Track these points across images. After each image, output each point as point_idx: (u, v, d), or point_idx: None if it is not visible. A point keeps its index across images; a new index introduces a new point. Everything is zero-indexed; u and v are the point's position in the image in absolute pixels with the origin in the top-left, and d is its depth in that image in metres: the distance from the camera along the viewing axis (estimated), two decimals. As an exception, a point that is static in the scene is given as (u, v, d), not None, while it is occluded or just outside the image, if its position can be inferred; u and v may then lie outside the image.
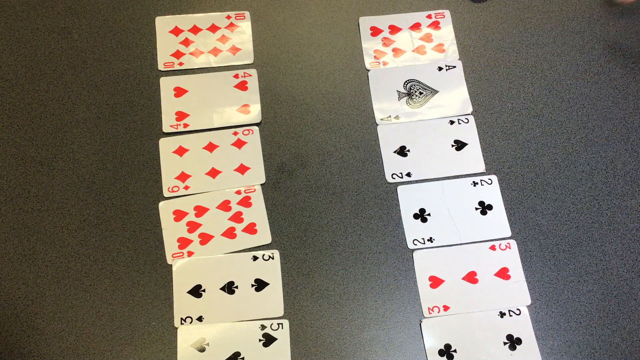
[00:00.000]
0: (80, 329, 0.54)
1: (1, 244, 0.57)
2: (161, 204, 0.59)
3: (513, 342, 0.54)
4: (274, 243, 0.58)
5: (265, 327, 0.54)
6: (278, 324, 0.54)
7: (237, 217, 0.58)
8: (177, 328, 0.54)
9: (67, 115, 0.62)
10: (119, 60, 0.65)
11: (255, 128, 0.62)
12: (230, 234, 0.57)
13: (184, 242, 0.57)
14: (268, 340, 0.53)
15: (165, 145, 0.61)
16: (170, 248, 0.57)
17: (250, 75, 0.65)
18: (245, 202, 0.59)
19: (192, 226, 0.58)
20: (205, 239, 0.57)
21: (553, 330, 0.55)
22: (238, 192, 0.59)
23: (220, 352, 0.53)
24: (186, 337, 0.53)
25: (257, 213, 0.58)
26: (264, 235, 0.58)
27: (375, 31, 0.68)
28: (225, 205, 0.58)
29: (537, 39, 0.68)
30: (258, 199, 0.59)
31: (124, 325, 0.54)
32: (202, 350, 0.53)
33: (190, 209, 0.58)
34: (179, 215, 0.58)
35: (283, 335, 0.53)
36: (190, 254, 0.57)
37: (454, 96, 0.65)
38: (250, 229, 0.58)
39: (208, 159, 0.61)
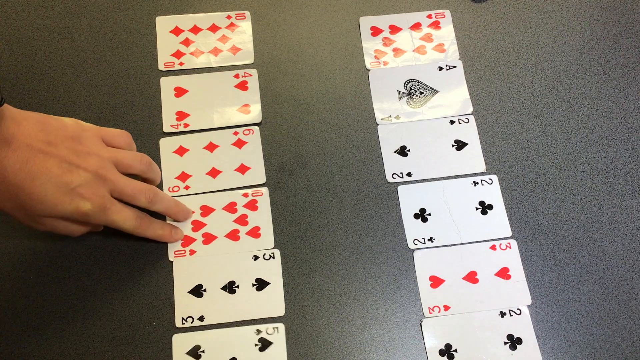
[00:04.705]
0: (80, 329, 0.54)
1: (1, 244, 0.57)
2: (161, 204, 0.58)
3: (513, 342, 0.54)
4: (274, 243, 0.58)
5: (261, 331, 0.53)
6: (273, 328, 0.53)
7: (242, 220, 0.58)
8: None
9: (67, 115, 0.62)
10: (119, 60, 0.65)
11: (256, 128, 0.62)
12: (234, 236, 0.57)
13: (187, 240, 0.57)
14: (264, 344, 0.53)
15: (166, 145, 0.61)
16: (173, 245, 0.57)
17: (251, 75, 0.65)
18: (252, 205, 0.58)
19: (197, 225, 0.58)
20: (208, 238, 0.57)
21: (554, 330, 0.55)
22: (245, 195, 0.59)
23: (216, 359, 0.52)
24: (181, 344, 0.53)
25: (263, 217, 0.58)
26: (268, 239, 0.57)
27: (375, 31, 0.68)
28: (231, 207, 0.58)
29: (537, 39, 0.68)
30: (265, 203, 0.59)
31: (124, 325, 0.54)
32: (197, 357, 0.52)
33: (197, 208, 0.58)
34: (179, 214, 0.58)
35: (279, 339, 0.53)
36: (192, 252, 0.57)
37: (455, 96, 0.65)
38: (254, 232, 0.57)
39: (208, 159, 0.61)
